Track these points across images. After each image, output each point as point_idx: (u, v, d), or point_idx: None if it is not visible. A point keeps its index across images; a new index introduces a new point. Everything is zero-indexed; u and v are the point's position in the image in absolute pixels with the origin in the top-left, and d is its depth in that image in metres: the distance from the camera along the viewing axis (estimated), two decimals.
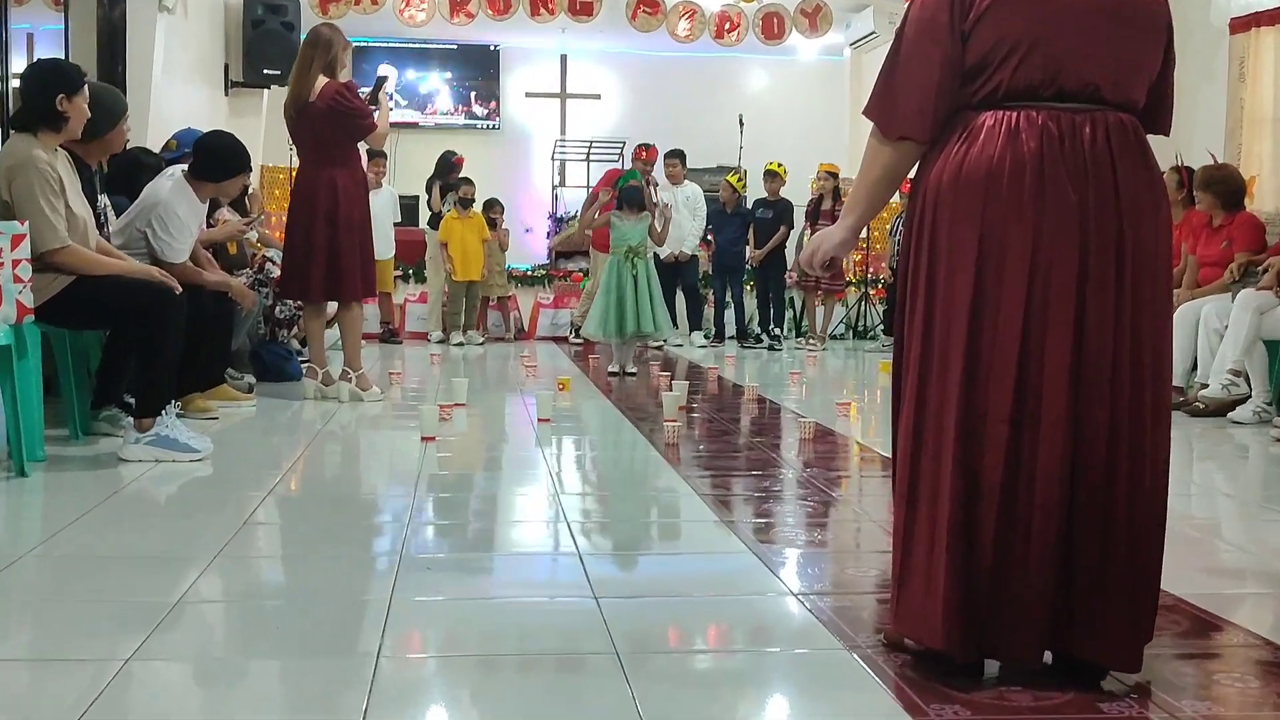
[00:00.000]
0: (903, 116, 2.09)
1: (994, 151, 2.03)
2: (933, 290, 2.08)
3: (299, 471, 4.15)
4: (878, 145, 2.14)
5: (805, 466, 4.30)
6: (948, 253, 2.05)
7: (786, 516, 3.48)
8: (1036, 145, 2.01)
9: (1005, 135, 2.03)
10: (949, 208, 2.06)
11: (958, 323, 2.03)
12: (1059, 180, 2.00)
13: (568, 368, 8.22)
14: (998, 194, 2.02)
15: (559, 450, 4.83)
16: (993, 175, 2.02)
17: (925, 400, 2.07)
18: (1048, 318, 2.00)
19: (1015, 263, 2.00)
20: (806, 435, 4.93)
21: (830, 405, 5.85)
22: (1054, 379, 2.00)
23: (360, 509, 3.60)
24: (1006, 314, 2.00)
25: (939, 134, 2.10)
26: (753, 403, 6.23)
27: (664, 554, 3.17)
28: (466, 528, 3.36)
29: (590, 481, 4.20)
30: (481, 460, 4.61)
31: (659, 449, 4.63)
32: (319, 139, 5.73)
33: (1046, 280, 2.00)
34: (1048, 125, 2.02)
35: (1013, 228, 2.01)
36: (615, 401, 6.21)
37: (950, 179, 2.06)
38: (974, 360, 2.02)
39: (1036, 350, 2.00)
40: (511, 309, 10.67)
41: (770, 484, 3.97)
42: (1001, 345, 2.01)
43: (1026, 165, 2.01)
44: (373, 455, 4.71)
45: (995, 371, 2.01)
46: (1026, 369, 2.01)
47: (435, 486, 3.89)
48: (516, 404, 6.23)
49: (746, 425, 5.49)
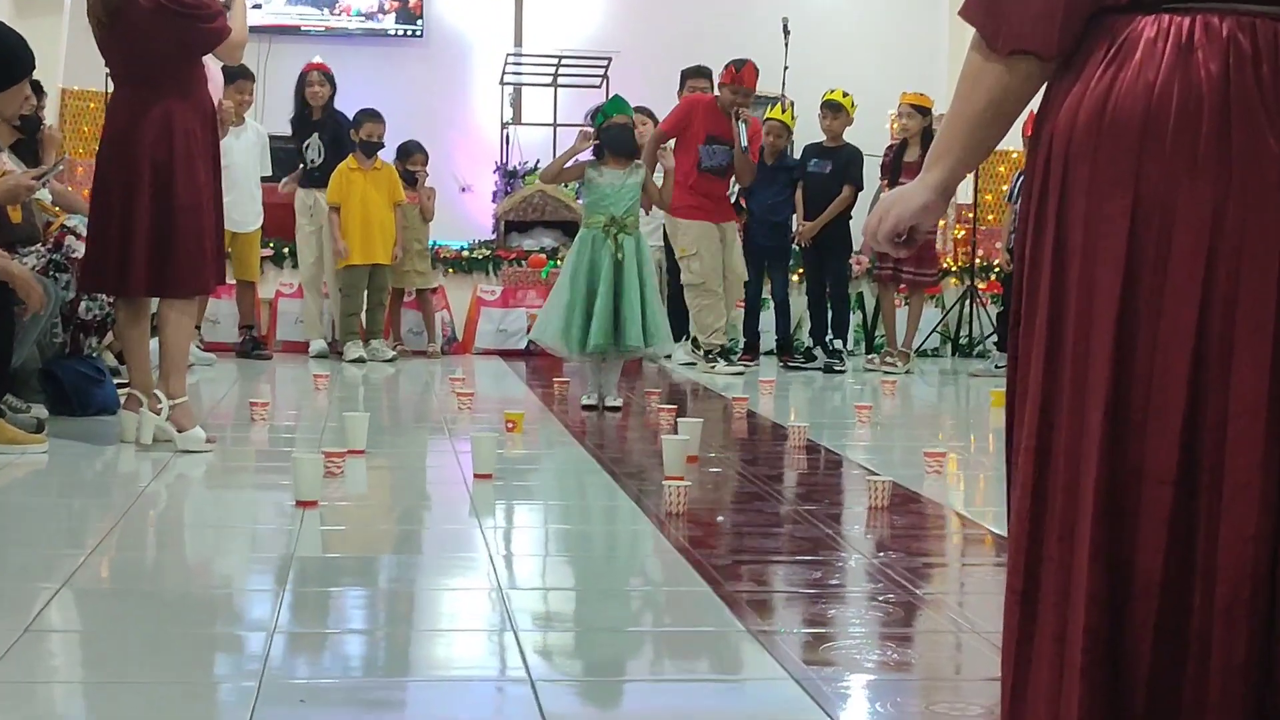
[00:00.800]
0: (1018, 20, 2.10)
1: (1155, 78, 2.03)
2: (1062, 284, 2.08)
3: (110, 553, 4.12)
4: (982, 63, 2.15)
5: (878, 550, 4.29)
6: (1085, 230, 2.06)
7: (849, 625, 3.46)
8: (1219, 69, 2.02)
9: (1173, 54, 2.03)
10: (1087, 163, 2.06)
11: (1099, 336, 2.03)
12: (1254, 122, 2.01)
13: (521, 397, 8.20)
14: (1160, 142, 2.02)
15: (506, 522, 4.79)
16: (1153, 115, 2.03)
17: (1050, 451, 2.07)
18: (1235, 328, 2.00)
19: (1186, 246, 2.01)
20: (880, 502, 4.93)
21: (916, 456, 5.84)
22: (1244, 419, 2.00)
23: (200, 610, 3.57)
24: (1172, 322, 2.01)
25: (1072, 49, 2.11)
26: (799, 452, 6.23)
27: (662, 681, 3.15)
28: (362, 640, 3.33)
29: (552, 571, 4.17)
30: (388, 538, 4.57)
31: (656, 521, 4.62)
32: (143, 53, 5.72)
33: (1234, 271, 2.00)
34: (1237, 38, 2.03)
35: (1183, 193, 2.01)
36: (591, 448, 6.20)
37: (1089, 120, 2.06)
38: (1123, 392, 2.03)
39: (1218, 377, 2.01)
40: (438, 308, 10.66)
41: (825, 576, 3.95)
42: (1164, 370, 2.01)
43: (1204, 99, 2.01)
44: (222, 529, 4.69)
45: (1155, 409, 2.01)
46: (1202, 405, 2.01)
47: (315, 577, 3.86)
48: (443, 452, 6.20)
49: (790, 486, 5.47)
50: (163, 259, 5.70)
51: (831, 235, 10.13)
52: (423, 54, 13.10)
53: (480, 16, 13.19)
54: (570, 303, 7.24)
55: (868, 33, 13.13)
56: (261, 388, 8.46)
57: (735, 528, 4.66)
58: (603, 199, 7.37)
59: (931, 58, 12.72)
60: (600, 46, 12.51)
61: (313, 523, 4.52)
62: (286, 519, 4.57)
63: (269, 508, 4.87)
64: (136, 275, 5.70)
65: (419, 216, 10.38)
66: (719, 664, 3.22)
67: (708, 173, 9.56)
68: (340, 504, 4.89)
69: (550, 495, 5.44)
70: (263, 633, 3.29)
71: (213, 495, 5.23)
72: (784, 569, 4.08)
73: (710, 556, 4.13)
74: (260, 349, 10.00)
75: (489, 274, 10.98)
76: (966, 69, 2.18)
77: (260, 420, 6.68)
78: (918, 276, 10.16)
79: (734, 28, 12.48)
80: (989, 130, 2.19)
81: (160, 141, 5.69)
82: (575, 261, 7.35)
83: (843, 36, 12.95)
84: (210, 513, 4.99)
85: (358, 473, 5.49)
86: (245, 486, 5.36)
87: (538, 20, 13.23)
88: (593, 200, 7.45)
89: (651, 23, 12.72)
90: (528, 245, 11.17)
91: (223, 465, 5.66)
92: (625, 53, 11.57)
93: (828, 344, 10.18)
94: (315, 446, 5.71)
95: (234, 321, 10.05)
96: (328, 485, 4.98)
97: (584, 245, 7.34)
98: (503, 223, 11.42)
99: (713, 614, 3.53)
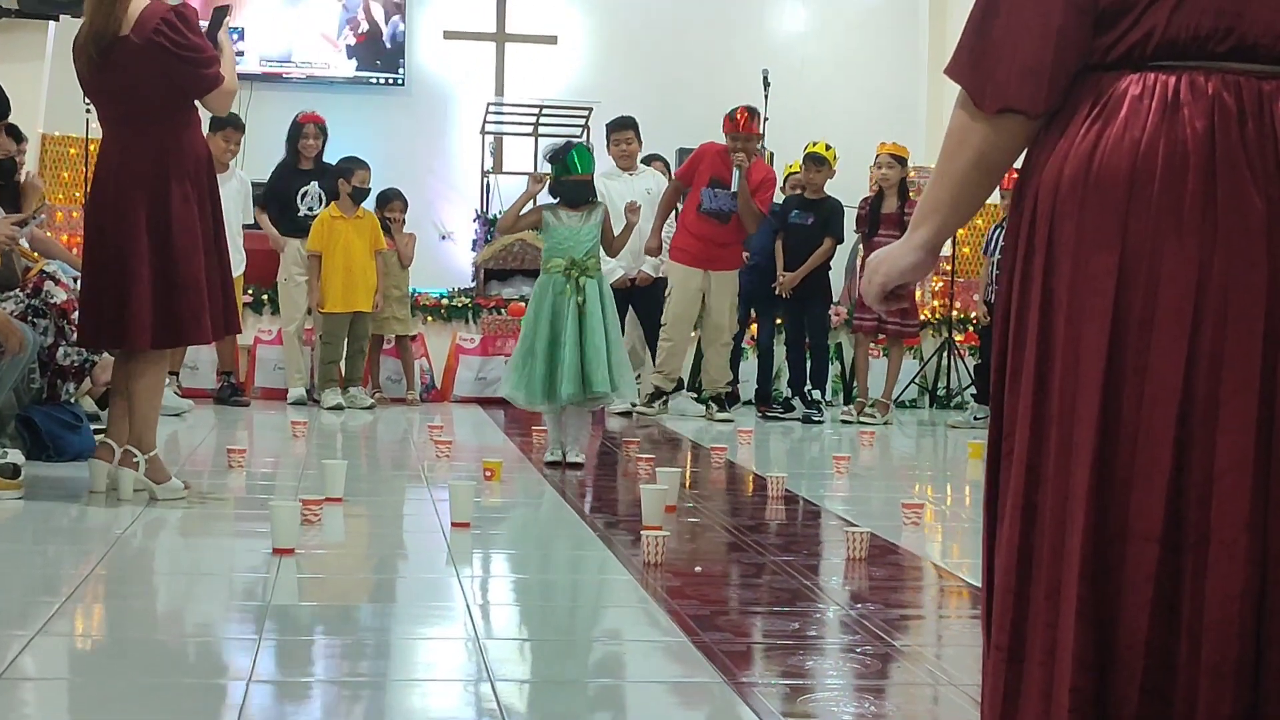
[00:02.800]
0: (1005, 78, 2.11)
1: (1141, 135, 2.05)
2: (1048, 342, 2.08)
3: (85, 601, 4.10)
4: (968, 120, 2.15)
5: (856, 601, 4.28)
6: (1071, 286, 2.06)
7: (827, 677, 3.46)
8: (1205, 126, 2.03)
9: (1158, 111, 2.05)
10: (1073, 219, 2.07)
11: (1086, 393, 2.04)
12: (1239, 179, 2.02)
13: (500, 445, 8.18)
14: (1146, 200, 2.03)
15: (483, 571, 4.79)
16: (1139, 172, 2.04)
17: (1037, 507, 2.07)
18: (1221, 385, 2.01)
19: (1172, 303, 2.01)
20: (858, 553, 4.92)
21: (894, 507, 5.84)
22: (1230, 477, 2.00)
23: (177, 659, 3.55)
24: (1159, 379, 2.01)
25: (1058, 106, 2.12)
26: (779, 502, 6.22)
27: None
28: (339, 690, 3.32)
29: (529, 621, 4.16)
30: (365, 586, 4.56)
31: (635, 572, 4.61)
32: (134, 93, 5.63)
33: (1220, 329, 2.01)
34: (1222, 97, 2.04)
35: (1169, 251, 2.02)
36: (570, 498, 6.19)
37: (1075, 176, 2.07)
38: (1109, 451, 2.02)
39: (1204, 435, 2.01)
40: (417, 355, 10.65)
41: (803, 627, 3.94)
42: (1150, 428, 2.01)
43: (1190, 157, 2.03)
44: (199, 576, 4.66)
45: (1141, 467, 2.01)
46: (1188, 463, 2.01)
47: (293, 626, 3.85)
48: (421, 500, 6.19)
49: (769, 537, 5.46)
50: (165, 308, 5.53)
51: (811, 285, 10.15)
52: (404, 102, 13.13)
53: (462, 65, 13.23)
54: (529, 350, 6.99)
55: (847, 85, 13.21)
56: (239, 434, 8.43)
57: (713, 578, 4.65)
58: (561, 242, 7.08)
59: (910, 109, 12.80)
60: (581, 96, 12.56)
61: (290, 570, 4.50)
62: (264, 566, 4.54)
63: (246, 555, 4.84)
64: (139, 326, 5.50)
65: (398, 264, 10.39)
66: (697, 715, 3.21)
67: (707, 215, 9.59)
68: (318, 552, 4.87)
69: (528, 544, 5.42)
70: (240, 681, 3.27)
71: (189, 542, 5.20)
72: (762, 620, 4.07)
73: (688, 607, 4.11)
74: (238, 395, 9.97)
75: (468, 322, 10.98)
76: (952, 126, 2.18)
77: (237, 467, 6.65)
78: (903, 328, 10.16)
79: (714, 79, 12.55)
80: (976, 188, 2.19)
81: (155, 184, 5.55)
82: (535, 308, 7.07)
83: (822, 88, 13.02)
84: (187, 560, 4.96)
85: (335, 520, 5.46)
86: (222, 534, 5.33)
87: (519, 70, 13.28)
88: (552, 244, 7.13)
89: (632, 74, 12.78)
90: (507, 294, 11.18)
91: (200, 512, 5.63)
92: (606, 103, 11.60)
93: (807, 394, 10.18)
94: (293, 494, 5.68)
95: (213, 367, 10.01)
96: (305, 533, 4.95)
97: (544, 291, 7.06)
98: (482, 271, 11.43)
99: (691, 665, 3.52)
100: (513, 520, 5.83)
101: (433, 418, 9.26)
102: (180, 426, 8.34)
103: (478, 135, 12.57)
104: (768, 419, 10.06)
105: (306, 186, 10.17)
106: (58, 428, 6.69)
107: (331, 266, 9.83)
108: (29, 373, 6.61)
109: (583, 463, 7.11)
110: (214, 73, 5.61)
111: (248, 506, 5.79)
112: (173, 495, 5.66)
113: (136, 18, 5.51)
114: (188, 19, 5.60)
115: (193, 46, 5.56)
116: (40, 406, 6.74)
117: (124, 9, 5.53)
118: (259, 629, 3.77)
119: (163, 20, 5.50)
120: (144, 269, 5.50)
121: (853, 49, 13.42)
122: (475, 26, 13.26)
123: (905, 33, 13.21)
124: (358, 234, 9.91)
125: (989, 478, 2.21)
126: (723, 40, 13.16)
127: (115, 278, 5.55)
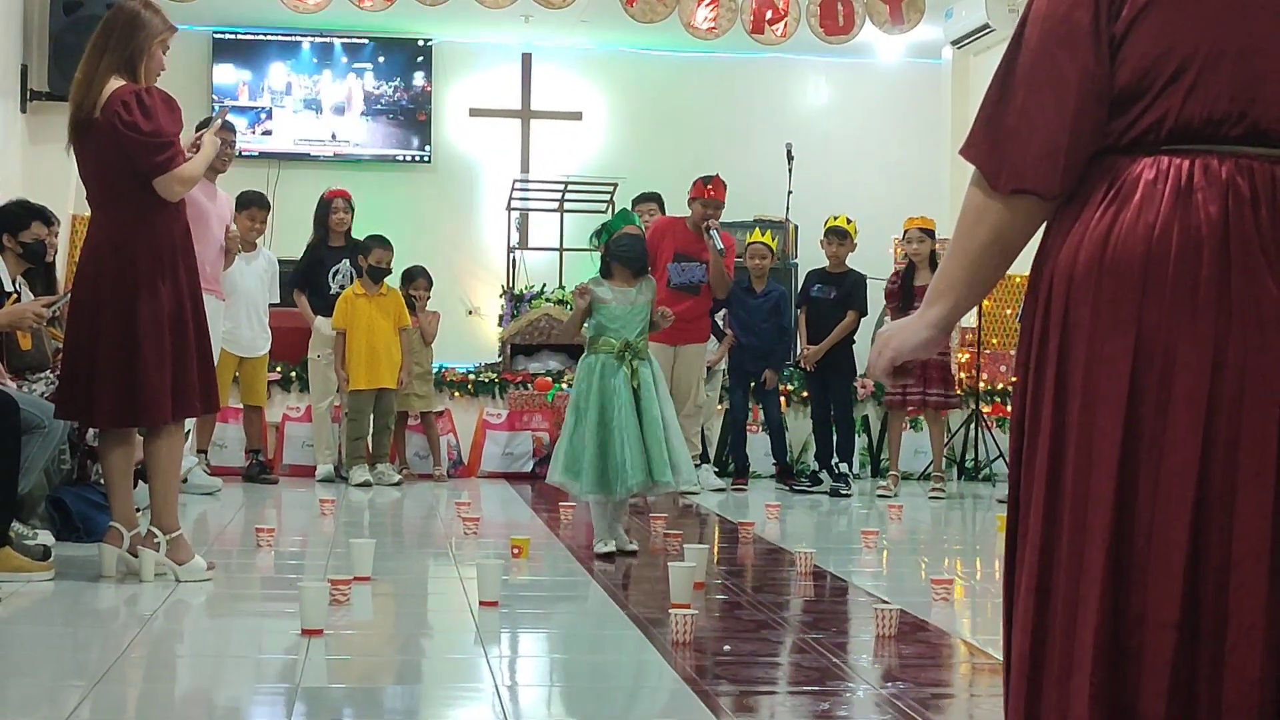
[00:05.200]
0: (1020, 160, 2.13)
1: (1155, 220, 2.06)
2: (1062, 424, 2.09)
3: (114, 684, 4.11)
4: (983, 200, 2.18)
5: (886, 680, 4.27)
6: (1086, 370, 2.08)
7: None
8: (1219, 211, 2.05)
9: (1172, 196, 2.06)
10: (1087, 305, 2.08)
11: (1100, 475, 2.05)
12: (1253, 264, 2.04)
13: (527, 522, 8.17)
14: (1161, 284, 2.04)
15: (511, 651, 4.78)
16: (1154, 256, 2.05)
17: (1051, 591, 2.07)
18: (1237, 472, 2.01)
19: (1187, 388, 2.02)
20: (887, 630, 4.90)
21: (924, 583, 5.82)
22: (1248, 563, 2.00)
23: None
24: (1174, 466, 2.02)
25: (1073, 189, 2.14)
26: (806, 578, 6.20)
27: None
28: None
29: (557, 702, 4.16)
30: (393, 667, 4.56)
31: (662, 649, 4.59)
32: (106, 177, 5.64)
33: (1235, 414, 2.02)
34: (1235, 181, 2.06)
35: (1184, 335, 2.03)
36: (598, 574, 6.18)
37: (1089, 261, 2.09)
38: (1124, 535, 2.03)
39: (1220, 521, 2.01)
40: (443, 432, 10.67)
41: (833, 707, 3.93)
42: (1166, 513, 2.02)
43: (1204, 242, 2.04)
44: (227, 659, 4.67)
45: (1157, 553, 2.02)
46: (1204, 549, 2.01)
47: (321, 708, 3.85)
48: (448, 578, 6.20)
49: (797, 614, 5.45)
50: (126, 387, 5.55)
51: (836, 358, 10.16)
52: (431, 179, 13.22)
53: (488, 142, 13.32)
54: (578, 436, 6.53)
55: (870, 158, 13.26)
56: (268, 513, 8.44)
57: (742, 657, 4.63)
58: (613, 321, 6.67)
59: (933, 183, 12.82)
60: (605, 172, 12.63)
61: (319, 651, 4.50)
62: (291, 646, 4.55)
63: (274, 636, 4.84)
64: (102, 404, 5.58)
65: (422, 341, 10.42)
66: None
67: (678, 290, 9.51)
68: (346, 632, 4.87)
69: (556, 623, 5.42)
70: None
71: (217, 624, 5.21)
72: (791, 700, 4.06)
73: (717, 686, 4.11)
74: (267, 473, 9.99)
75: (495, 397, 10.99)
76: (967, 206, 2.20)
77: (266, 546, 6.66)
78: (946, 400, 10.11)
79: (738, 153, 12.61)
80: (990, 267, 2.21)
81: (121, 266, 5.57)
82: (583, 391, 6.62)
83: (844, 162, 13.07)
84: (215, 642, 4.96)
85: (364, 600, 5.47)
86: (250, 614, 5.34)
87: (544, 146, 13.37)
88: (601, 322, 6.69)
89: (656, 149, 12.85)
90: (534, 369, 11.20)
91: (228, 593, 5.64)
92: (631, 179, 11.66)
93: (834, 467, 10.16)
94: (321, 573, 5.69)
95: (241, 445, 10.04)
96: (334, 613, 4.96)
97: (591, 373, 6.62)
98: (509, 346, 11.46)
99: None
100: (541, 599, 5.82)
101: (460, 494, 9.27)
102: (211, 505, 8.37)
103: (503, 211, 12.64)
104: (794, 492, 10.04)
105: (339, 265, 10.24)
106: (88, 508, 6.71)
107: (355, 344, 9.88)
108: (59, 454, 6.65)
109: (636, 550, 6.75)
110: (165, 158, 5.56)
111: (276, 586, 5.81)
112: (196, 576, 5.66)
113: (105, 100, 5.54)
114: (144, 102, 5.56)
115: (139, 128, 5.52)
116: (71, 487, 6.78)
117: (99, 91, 5.56)
118: (289, 712, 3.77)
119: (121, 101, 5.51)
120: (108, 348, 5.56)
121: (875, 123, 13.49)
122: (501, 104, 13.37)
123: (927, 107, 13.26)
124: (381, 311, 9.96)
125: (1007, 559, 2.22)
126: (745, 115, 13.24)
127: (85, 355, 5.62)
